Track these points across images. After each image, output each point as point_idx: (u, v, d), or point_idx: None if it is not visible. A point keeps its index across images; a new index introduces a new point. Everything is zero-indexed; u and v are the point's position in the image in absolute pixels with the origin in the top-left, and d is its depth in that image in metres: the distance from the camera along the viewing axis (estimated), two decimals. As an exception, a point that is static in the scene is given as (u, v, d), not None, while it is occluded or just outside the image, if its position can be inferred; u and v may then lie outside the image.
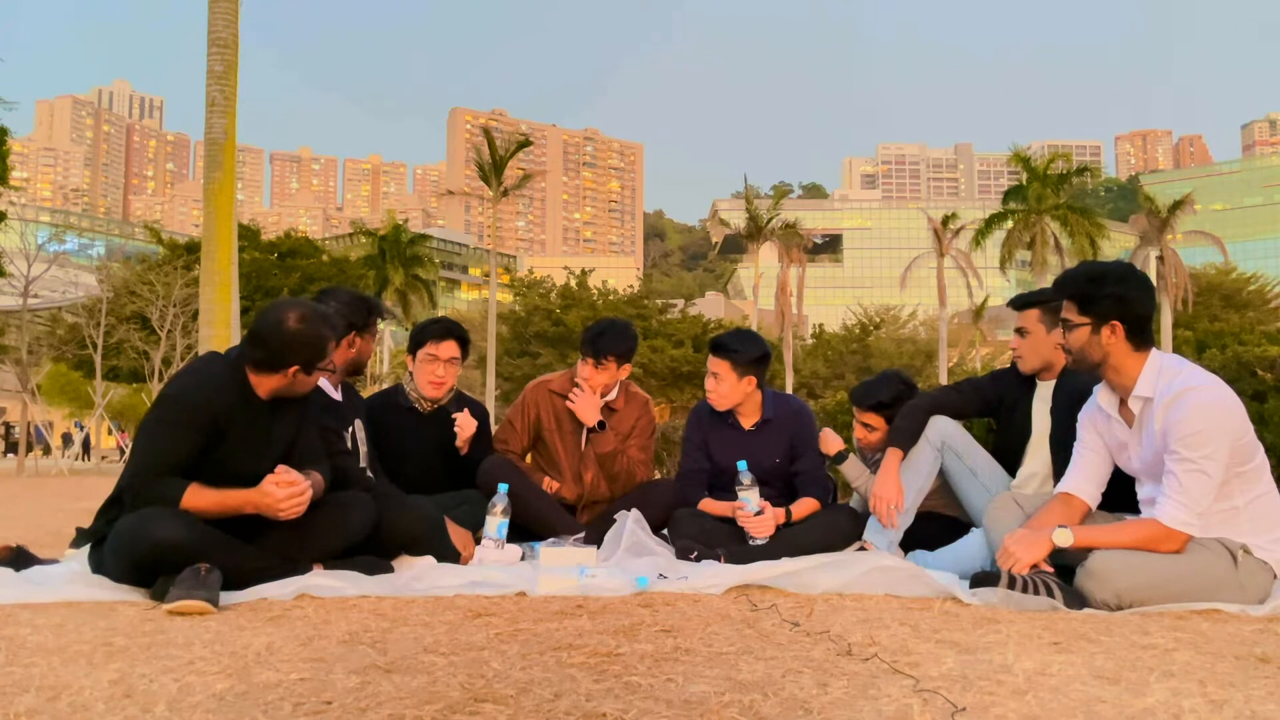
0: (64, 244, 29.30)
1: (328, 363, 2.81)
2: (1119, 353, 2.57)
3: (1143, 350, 2.57)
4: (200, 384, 2.71)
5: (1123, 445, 2.66)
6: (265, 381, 2.76)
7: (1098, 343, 2.57)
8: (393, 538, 3.04)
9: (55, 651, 1.90)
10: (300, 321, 2.73)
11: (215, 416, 2.66)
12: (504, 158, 35.03)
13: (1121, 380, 2.60)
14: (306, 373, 2.77)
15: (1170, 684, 1.63)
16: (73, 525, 4.13)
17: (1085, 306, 2.59)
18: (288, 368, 2.73)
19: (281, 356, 2.72)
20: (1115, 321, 2.55)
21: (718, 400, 3.61)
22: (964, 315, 51.79)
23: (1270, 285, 44.54)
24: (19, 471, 19.57)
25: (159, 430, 2.66)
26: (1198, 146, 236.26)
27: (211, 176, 9.95)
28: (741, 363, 3.56)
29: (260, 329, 2.74)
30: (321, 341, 2.78)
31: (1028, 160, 35.27)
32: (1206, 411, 2.42)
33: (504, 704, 1.51)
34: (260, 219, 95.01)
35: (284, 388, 2.78)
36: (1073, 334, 2.62)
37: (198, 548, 2.48)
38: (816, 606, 2.42)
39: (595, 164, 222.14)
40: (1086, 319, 2.58)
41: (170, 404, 2.67)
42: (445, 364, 3.74)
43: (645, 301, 36.77)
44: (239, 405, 2.71)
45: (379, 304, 3.45)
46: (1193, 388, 2.46)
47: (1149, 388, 2.54)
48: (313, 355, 2.75)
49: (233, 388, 2.72)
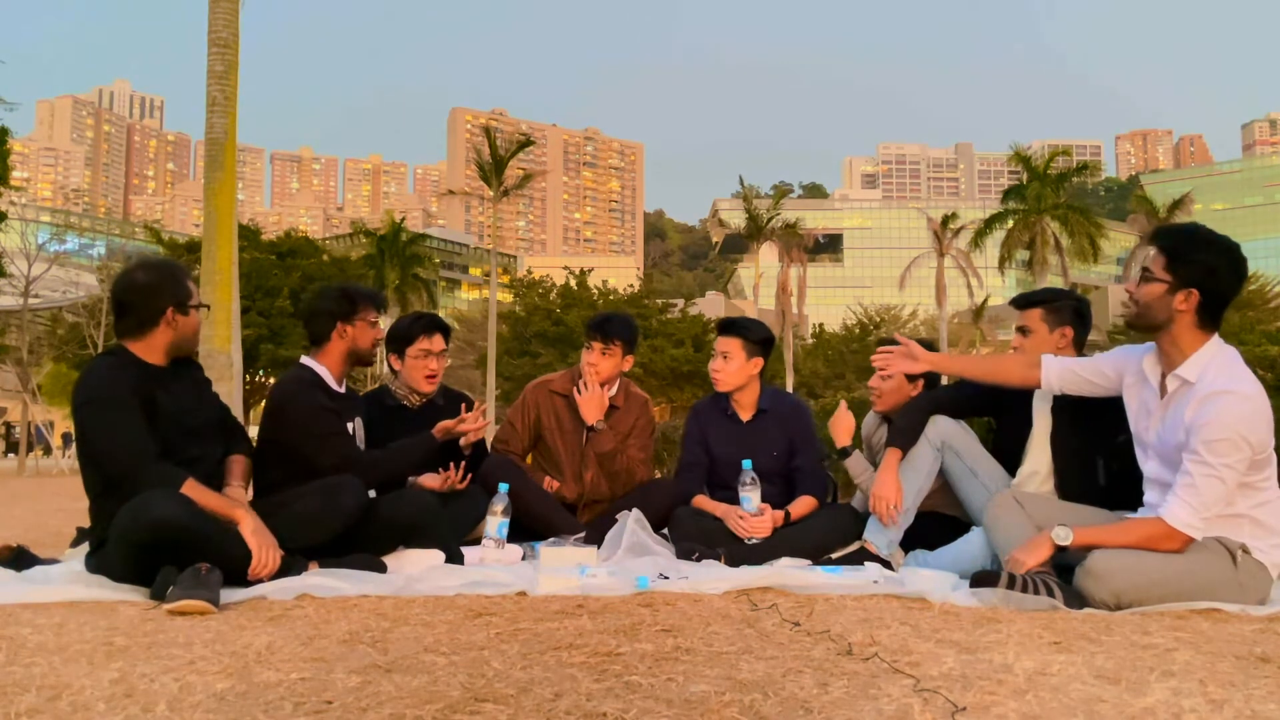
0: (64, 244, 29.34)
1: (195, 299, 2.89)
2: (1183, 324, 2.47)
3: (1206, 332, 2.49)
4: (102, 376, 2.75)
5: (1148, 412, 2.59)
6: (153, 342, 2.82)
7: (1168, 304, 2.47)
8: (392, 526, 3.06)
9: (56, 651, 1.91)
10: (143, 269, 2.90)
11: (135, 393, 2.71)
12: (505, 158, 35.01)
13: (1173, 353, 2.51)
14: (182, 311, 2.83)
15: (1170, 684, 1.63)
16: (73, 525, 4.13)
17: (1173, 263, 2.47)
18: (162, 312, 2.80)
19: (150, 305, 2.80)
20: (1194, 290, 2.44)
21: (724, 379, 3.64)
22: (964, 315, 51.78)
23: (1270, 285, 44.52)
24: (19, 471, 19.59)
25: (111, 421, 2.68)
26: (1198, 146, 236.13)
27: (212, 176, 9.94)
28: (752, 340, 3.63)
29: (118, 297, 2.86)
30: (176, 272, 2.90)
31: (1028, 159, 35.22)
32: (1239, 419, 2.36)
33: (504, 703, 1.51)
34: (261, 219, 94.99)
35: (174, 340, 2.84)
36: (1147, 287, 2.50)
37: (195, 526, 2.52)
38: (817, 606, 2.42)
39: (595, 164, 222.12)
40: (1168, 277, 2.47)
41: (98, 402, 2.70)
42: (438, 357, 3.79)
43: (645, 301, 36.74)
44: (146, 382, 2.75)
45: (369, 292, 3.47)
46: (1233, 391, 2.38)
47: (1195, 372, 2.45)
48: (177, 289, 2.84)
49: (129, 369, 2.77)
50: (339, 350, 3.33)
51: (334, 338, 3.32)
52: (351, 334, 3.35)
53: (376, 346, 3.43)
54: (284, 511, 2.85)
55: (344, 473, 3.05)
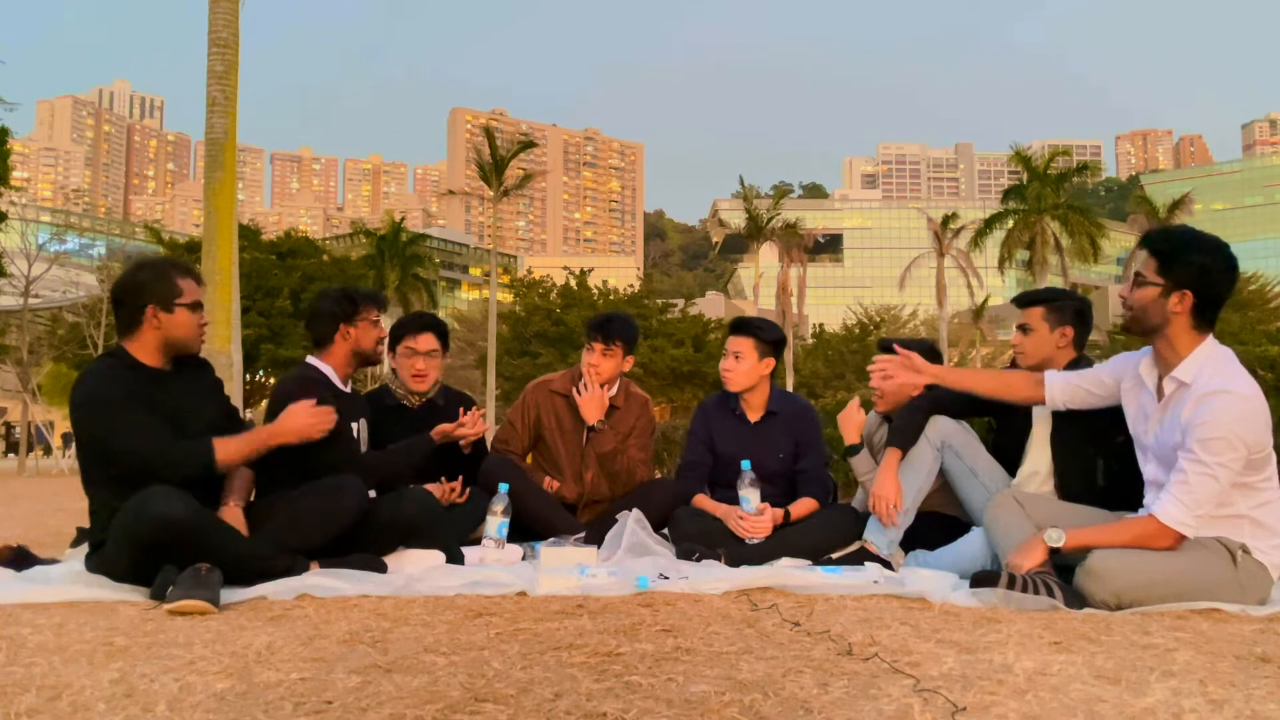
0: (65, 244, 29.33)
1: (186, 298, 2.88)
2: (1178, 326, 2.48)
3: (1201, 333, 2.50)
4: (99, 378, 2.76)
5: (1146, 415, 2.60)
6: (143, 342, 2.83)
7: (1162, 307, 2.48)
8: (393, 527, 3.06)
9: (56, 651, 1.91)
10: (135, 267, 2.94)
11: (131, 395, 2.72)
12: (505, 158, 35.00)
13: (1169, 355, 2.52)
14: (165, 309, 2.83)
15: (1170, 684, 1.63)
16: (73, 525, 4.13)
17: (1165, 266, 2.48)
18: (142, 310, 2.81)
19: (132, 303, 2.82)
20: (1188, 291, 2.45)
21: (735, 379, 3.63)
22: (964, 315, 51.78)
23: (1270, 285, 44.47)
24: (19, 471, 19.59)
25: (115, 420, 2.69)
26: (1198, 146, 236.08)
27: (212, 176, 9.94)
28: (765, 340, 3.63)
29: (112, 296, 2.91)
30: (165, 270, 2.91)
31: (1028, 159, 35.21)
32: (1234, 419, 2.36)
33: (504, 704, 1.51)
34: (261, 219, 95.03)
35: (164, 339, 2.84)
36: (1141, 291, 2.51)
37: (195, 524, 2.52)
38: (817, 606, 2.42)
39: (596, 164, 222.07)
40: (1161, 280, 2.48)
41: (97, 404, 2.71)
42: (424, 356, 3.80)
43: (646, 301, 36.73)
44: (141, 384, 2.76)
45: (370, 292, 3.48)
46: (1229, 391, 2.39)
47: (1190, 373, 2.46)
48: (160, 287, 2.84)
49: (124, 370, 2.78)
50: (343, 351, 3.36)
51: (337, 339, 3.35)
52: (355, 335, 3.36)
53: (380, 346, 3.46)
54: (284, 512, 2.85)
55: (343, 473, 3.05)
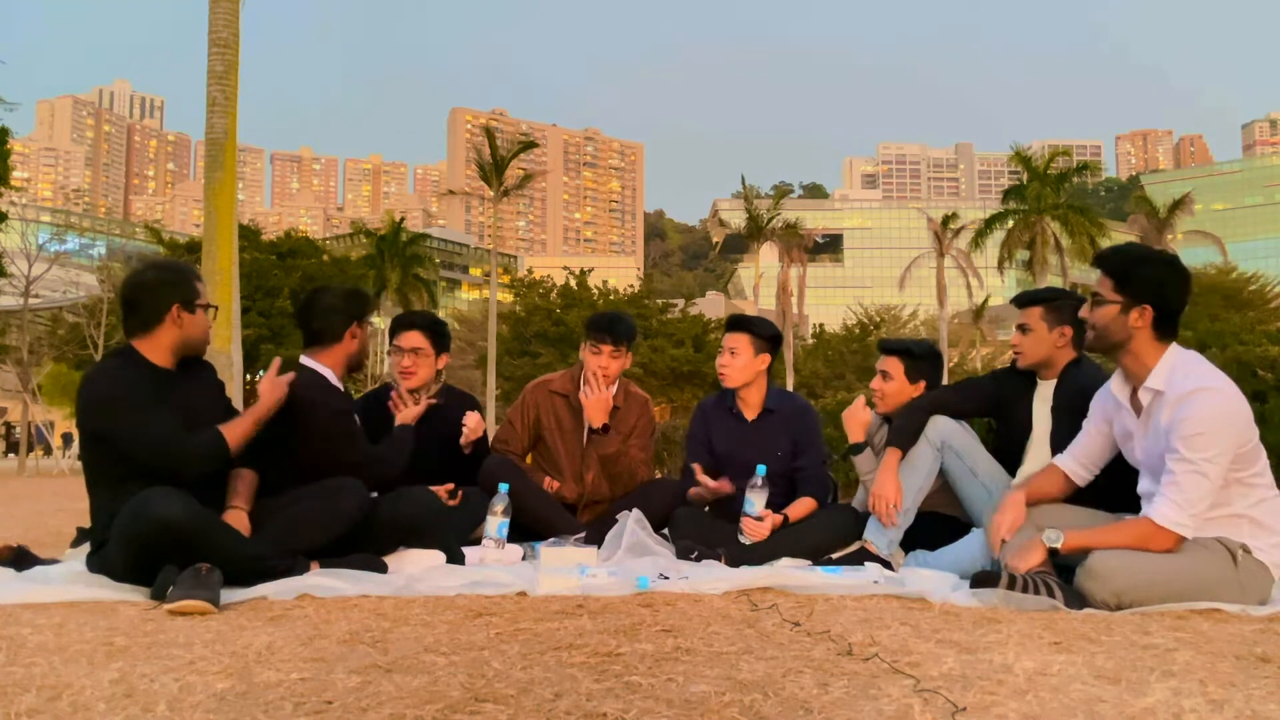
0: (65, 244, 29.33)
1: (203, 300, 2.91)
2: (1141, 339, 2.53)
3: (1164, 342, 2.54)
4: (112, 377, 2.77)
5: (1129, 434, 2.64)
6: (159, 341, 2.83)
7: (1124, 324, 2.53)
8: (393, 527, 3.06)
9: (56, 651, 1.91)
10: (153, 268, 2.94)
11: (150, 392, 2.73)
12: (505, 158, 35.01)
13: (1136, 368, 2.56)
14: (188, 309, 2.85)
15: (1171, 684, 1.63)
16: (73, 525, 4.13)
17: (1121, 284, 2.53)
18: (168, 309, 2.81)
19: (156, 302, 2.82)
20: (1147, 306, 2.50)
21: (730, 375, 3.63)
22: (964, 315, 51.78)
23: (1270, 285, 44.49)
24: (19, 471, 19.60)
25: (130, 418, 2.69)
26: (1198, 146, 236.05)
27: (212, 176, 9.94)
28: (760, 336, 3.64)
29: (126, 295, 2.88)
30: (184, 271, 2.94)
31: (1028, 159, 35.20)
32: (1213, 414, 2.40)
33: (504, 704, 1.51)
34: (261, 219, 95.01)
35: (181, 339, 2.85)
36: (1100, 310, 2.56)
37: (195, 525, 2.52)
38: (817, 606, 2.42)
39: (596, 164, 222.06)
40: (1119, 297, 2.53)
41: (112, 401, 2.71)
42: (410, 354, 3.77)
43: (646, 301, 36.77)
44: (152, 383, 2.77)
45: (371, 296, 3.49)
46: (1204, 388, 2.43)
47: (1162, 381, 2.50)
48: (184, 287, 2.86)
49: (134, 369, 2.78)
50: (346, 351, 3.31)
51: (346, 337, 3.30)
52: (361, 335, 3.36)
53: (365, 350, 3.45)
54: (285, 513, 2.85)
55: (363, 470, 3.06)
